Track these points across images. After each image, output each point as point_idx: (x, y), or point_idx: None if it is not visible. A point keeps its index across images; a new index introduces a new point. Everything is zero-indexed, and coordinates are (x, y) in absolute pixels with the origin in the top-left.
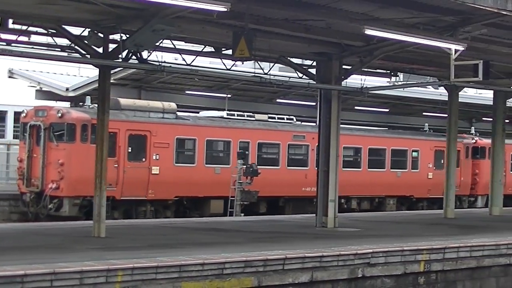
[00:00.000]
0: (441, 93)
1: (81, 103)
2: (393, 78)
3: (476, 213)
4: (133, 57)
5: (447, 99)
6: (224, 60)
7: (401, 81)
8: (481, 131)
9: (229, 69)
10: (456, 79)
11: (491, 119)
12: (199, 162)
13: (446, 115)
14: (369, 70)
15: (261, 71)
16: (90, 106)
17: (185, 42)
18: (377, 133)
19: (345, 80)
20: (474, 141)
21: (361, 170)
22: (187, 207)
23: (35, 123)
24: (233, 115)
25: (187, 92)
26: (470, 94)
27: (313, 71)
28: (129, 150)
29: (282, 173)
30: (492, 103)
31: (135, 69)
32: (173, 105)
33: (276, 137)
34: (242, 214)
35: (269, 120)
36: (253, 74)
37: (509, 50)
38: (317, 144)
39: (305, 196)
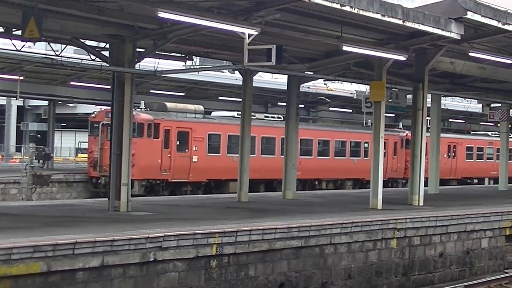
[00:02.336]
0: (236, 78)
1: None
2: (189, 62)
3: (270, 197)
4: None
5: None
6: (16, 41)
7: (197, 65)
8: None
9: (19, 50)
10: (250, 63)
11: (285, 104)
12: (222, 152)
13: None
14: (164, 53)
15: (53, 52)
16: (143, 108)
17: None
18: (340, 128)
19: (139, 63)
20: (405, 134)
21: (329, 158)
22: (213, 188)
23: (107, 122)
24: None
25: None
26: (266, 79)
27: (107, 53)
28: (177, 143)
29: (276, 161)
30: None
31: None
32: (201, 107)
33: (273, 132)
34: (34, 199)
35: (265, 118)
36: (44, 56)
37: (302, 35)
38: (301, 137)
39: None
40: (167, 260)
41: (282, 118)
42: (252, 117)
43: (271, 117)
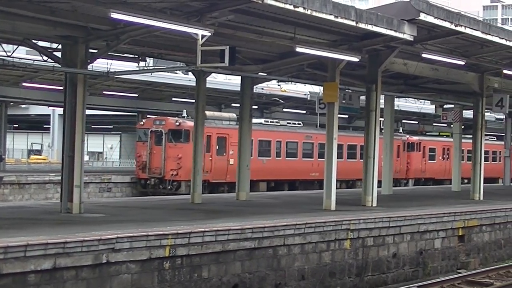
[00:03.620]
0: (190, 79)
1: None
2: (142, 63)
3: (223, 198)
4: None
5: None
6: None
7: (151, 66)
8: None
9: None
10: (203, 64)
11: (239, 105)
12: (254, 155)
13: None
14: (117, 54)
15: (5, 53)
16: (186, 116)
17: None
18: (351, 133)
19: (92, 64)
20: (407, 138)
21: (343, 160)
22: None
23: (156, 129)
24: (268, 121)
25: None
26: (220, 80)
27: (60, 54)
28: (217, 148)
29: (299, 163)
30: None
31: None
32: (234, 115)
33: (296, 137)
34: None
35: (288, 125)
36: None
37: (255, 37)
38: (319, 141)
39: (312, 179)
40: (120, 262)
41: (302, 124)
42: (276, 124)
43: (292, 123)
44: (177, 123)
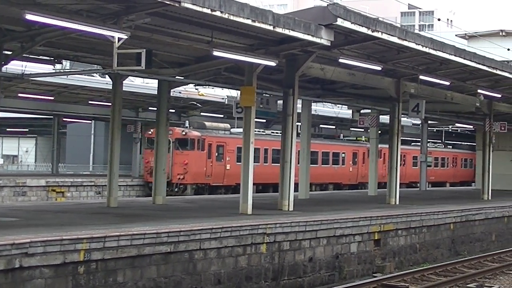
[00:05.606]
0: (107, 82)
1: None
2: (59, 66)
3: (140, 202)
4: None
5: None
6: None
7: (67, 69)
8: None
9: None
10: (120, 67)
11: (156, 109)
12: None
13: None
14: (32, 56)
15: None
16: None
17: None
18: (324, 141)
19: (6, 66)
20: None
21: (317, 166)
22: (239, 190)
23: None
24: (259, 131)
25: None
26: (137, 83)
27: None
28: (216, 155)
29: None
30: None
31: None
32: (228, 125)
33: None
34: None
35: (275, 134)
36: None
37: (172, 40)
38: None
39: (296, 182)
40: (33, 267)
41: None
42: (262, 133)
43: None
44: (184, 133)
